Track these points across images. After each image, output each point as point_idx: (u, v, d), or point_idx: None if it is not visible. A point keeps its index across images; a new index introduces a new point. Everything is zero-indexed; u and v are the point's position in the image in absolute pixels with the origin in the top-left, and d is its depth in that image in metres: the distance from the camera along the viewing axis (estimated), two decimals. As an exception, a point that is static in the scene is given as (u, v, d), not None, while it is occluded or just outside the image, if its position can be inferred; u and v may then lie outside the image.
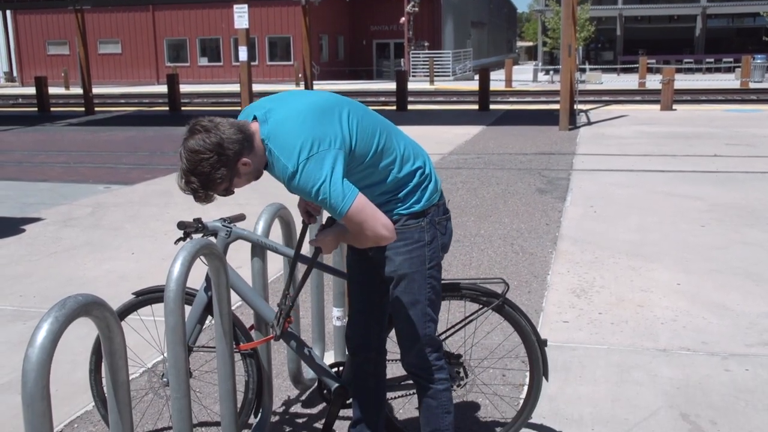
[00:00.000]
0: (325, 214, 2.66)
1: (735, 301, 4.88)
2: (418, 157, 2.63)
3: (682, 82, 26.57)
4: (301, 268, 3.06)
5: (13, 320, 4.78)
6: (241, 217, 3.09)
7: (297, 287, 2.92)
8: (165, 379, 2.95)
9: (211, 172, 2.35)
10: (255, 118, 2.45)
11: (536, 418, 3.37)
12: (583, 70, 30.00)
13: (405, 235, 2.59)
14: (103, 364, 3.03)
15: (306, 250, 3.18)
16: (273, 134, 2.40)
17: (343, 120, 2.45)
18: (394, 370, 3.50)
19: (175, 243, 2.86)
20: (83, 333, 4.42)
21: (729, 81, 29.85)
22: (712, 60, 37.48)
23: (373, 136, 2.49)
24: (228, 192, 2.45)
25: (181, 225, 2.93)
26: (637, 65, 30.49)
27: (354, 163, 2.45)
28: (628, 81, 30.45)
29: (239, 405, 3.06)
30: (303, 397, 3.72)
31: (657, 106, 18.52)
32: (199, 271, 3.23)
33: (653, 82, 26.27)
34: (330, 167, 2.33)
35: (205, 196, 2.42)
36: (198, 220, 2.96)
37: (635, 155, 11.20)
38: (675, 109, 17.94)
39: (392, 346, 2.94)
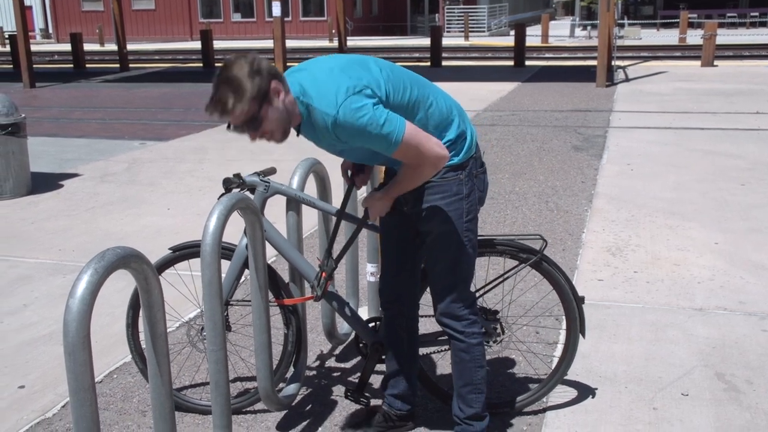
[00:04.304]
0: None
1: (774, 261, 4.80)
2: (453, 110, 2.61)
3: (725, 37, 25.87)
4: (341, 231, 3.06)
5: (54, 273, 4.88)
6: (272, 171, 3.10)
7: (343, 249, 2.93)
8: (203, 333, 2.99)
9: (243, 79, 2.30)
10: None
11: (570, 375, 3.37)
12: (622, 26, 29.32)
13: (443, 188, 2.58)
14: (140, 318, 3.09)
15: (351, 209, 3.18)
16: (306, 91, 2.40)
17: (374, 69, 2.45)
18: (428, 326, 3.52)
19: (218, 199, 2.89)
20: (121, 287, 4.50)
21: (773, 36, 28.98)
22: (757, 14, 36.36)
23: (405, 89, 2.48)
24: (256, 125, 2.36)
25: (226, 181, 2.95)
26: (678, 20, 29.71)
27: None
28: (668, 36, 29.73)
29: (278, 358, 3.10)
30: (336, 352, 3.75)
31: (698, 62, 18.09)
32: (238, 226, 3.26)
33: (694, 37, 25.61)
34: (371, 102, 2.33)
35: (234, 114, 2.32)
36: (238, 176, 2.97)
37: (674, 112, 10.98)
38: (716, 65, 17.50)
39: (426, 300, 2.94)
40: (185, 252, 3.07)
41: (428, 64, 20.01)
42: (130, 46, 25.23)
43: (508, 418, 3.07)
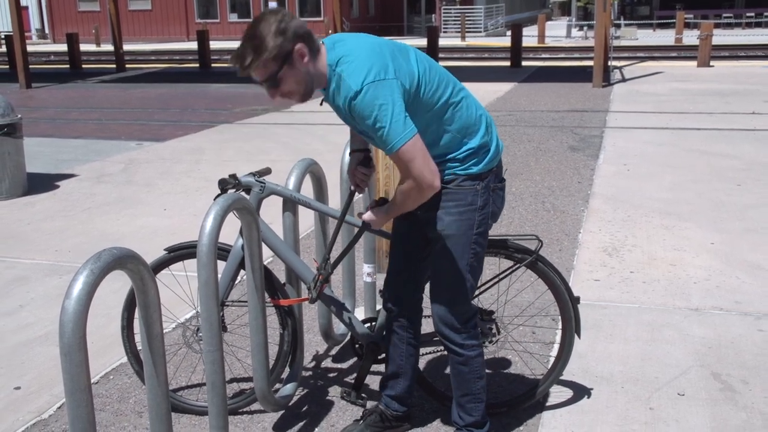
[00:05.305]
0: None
1: (770, 261, 4.81)
2: (481, 119, 2.57)
3: (721, 37, 25.90)
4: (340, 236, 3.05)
5: (50, 274, 4.87)
6: (267, 171, 3.10)
7: (341, 254, 2.93)
8: (200, 334, 2.99)
9: (266, 38, 2.30)
10: (322, 44, 2.45)
11: (566, 375, 3.37)
12: (618, 26, 29.35)
13: (458, 196, 2.54)
14: (134, 320, 3.09)
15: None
16: (342, 59, 2.37)
17: (412, 60, 2.43)
18: (425, 326, 3.51)
19: (214, 199, 2.89)
20: (117, 287, 4.50)
21: (769, 36, 29.01)
22: (753, 14, 36.41)
23: (438, 87, 2.45)
24: (275, 83, 2.38)
25: (222, 182, 2.94)
26: (674, 20, 29.73)
27: (420, 110, 2.40)
28: (665, 37, 29.77)
29: (274, 358, 3.09)
30: (333, 352, 3.75)
31: (694, 63, 18.12)
32: (234, 226, 3.25)
33: (690, 37, 25.64)
34: (393, 98, 2.30)
35: (252, 71, 2.35)
36: (233, 176, 2.97)
37: (670, 113, 10.99)
38: (712, 66, 17.53)
39: (428, 302, 2.94)
40: (181, 253, 3.07)
41: (425, 64, 20.01)
42: (126, 47, 25.14)
43: (504, 418, 3.08)
